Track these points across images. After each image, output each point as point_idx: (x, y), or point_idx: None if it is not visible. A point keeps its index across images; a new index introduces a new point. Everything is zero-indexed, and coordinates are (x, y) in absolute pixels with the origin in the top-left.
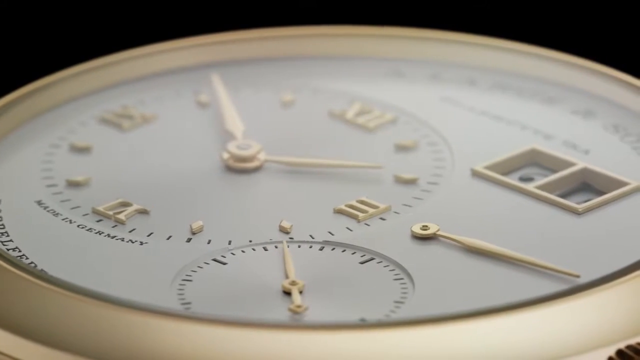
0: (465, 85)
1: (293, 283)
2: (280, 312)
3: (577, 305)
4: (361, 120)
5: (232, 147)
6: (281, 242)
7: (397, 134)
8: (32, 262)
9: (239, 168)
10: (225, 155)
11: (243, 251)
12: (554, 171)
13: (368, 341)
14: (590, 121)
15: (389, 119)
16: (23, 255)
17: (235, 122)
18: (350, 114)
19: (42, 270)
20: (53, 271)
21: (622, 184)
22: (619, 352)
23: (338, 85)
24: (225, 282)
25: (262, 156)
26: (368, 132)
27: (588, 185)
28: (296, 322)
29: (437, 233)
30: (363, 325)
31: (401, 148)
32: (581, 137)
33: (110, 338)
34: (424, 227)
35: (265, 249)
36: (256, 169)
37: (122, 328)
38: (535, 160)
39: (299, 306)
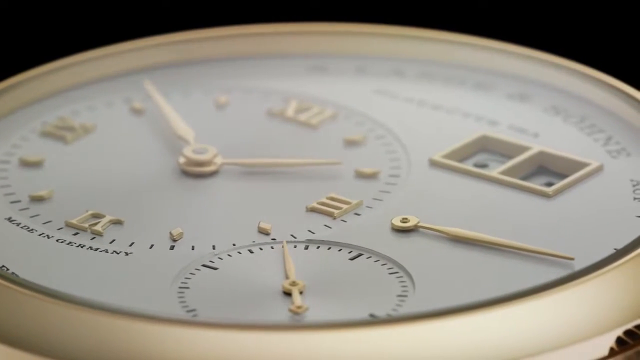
0: (394, 77)
1: (293, 284)
2: (281, 313)
3: (578, 291)
4: (303, 117)
5: (188, 151)
6: (281, 242)
7: (342, 130)
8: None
9: (196, 172)
10: (182, 160)
11: (240, 252)
12: (506, 156)
13: (380, 338)
14: (528, 104)
15: (330, 115)
16: (13, 273)
17: (184, 127)
18: (290, 112)
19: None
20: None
21: (581, 164)
22: (628, 332)
23: (268, 84)
24: (224, 286)
25: (218, 160)
26: (313, 129)
27: (544, 169)
28: (304, 323)
29: (419, 225)
30: (373, 321)
31: (351, 143)
32: (525, 121)
33: (119, 348)
34: (404, 220)
35: (261, 249)
36: (213, 173)
37: (132, 337)
38: (486, 147)
39: (299, 307)
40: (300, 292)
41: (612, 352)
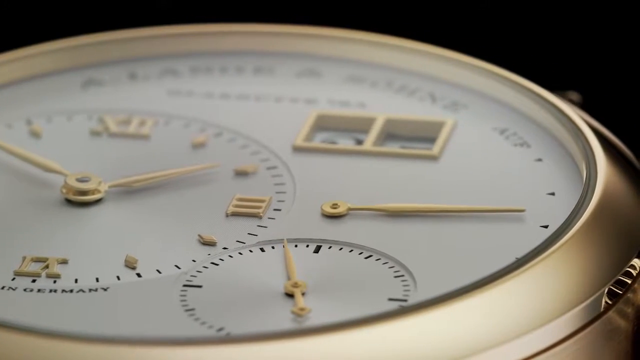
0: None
1: (295, 285)
2: (283, 315)
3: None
4: (131, 130)
5: (70, 181)
6: (281, 241)
7: (180, 135)
8: None
9: (81, 201)
10: (65, 190)
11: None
12: (348, 131)
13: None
14: (360, 85)
15: (153, 122)
16: None
17: (46, 161)
18: (113, 127)
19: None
20: None
21: (436, 123)
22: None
23: (58, 105)
24: (225, 288)
25: (102, 187)
26: (147, 140)
27: (393, 136)
28: (315, 326)
29: (352, 207)
30: (385, 315)
31: (199, 146)
32: (360, 96)
33: None
34: (334, 206)
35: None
36: (99, 200)
37: None
38: (324, 125)
39: (302, 309)
40: (303, 294)
41: (607, 306)
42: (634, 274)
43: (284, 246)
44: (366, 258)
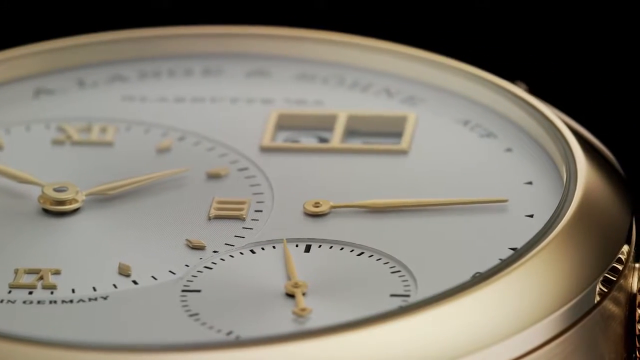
0: (150, 79)
1: (296, 285)
2: (284, 316)
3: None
4: (94, 137)
5: (48, 191)
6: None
7: (145, 140)
8: None
9: (60, 210)
10: (42, 200)
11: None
12: (312, 129)
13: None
14: (310, 83)
15: (114, 129)
16: None
17: (19, 172)
18: (75, 135)
19: None
20: None
21: (398, 118)
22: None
23: (16, 115)
24: (223, 293)
25: (80, 196)
26: (111, 146)
27: (356, 132)
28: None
29: (334, 205)
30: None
31: (164, 150)
32: (316, 94)
33: None
34: (317, 205)
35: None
36: (77, 210)
37: None
38: (284, 124)
39: (303, 309)
40: (303, 294)
41: (603, 294)
42: (624, 260)
43: (282, 246)
44: (358, 255)
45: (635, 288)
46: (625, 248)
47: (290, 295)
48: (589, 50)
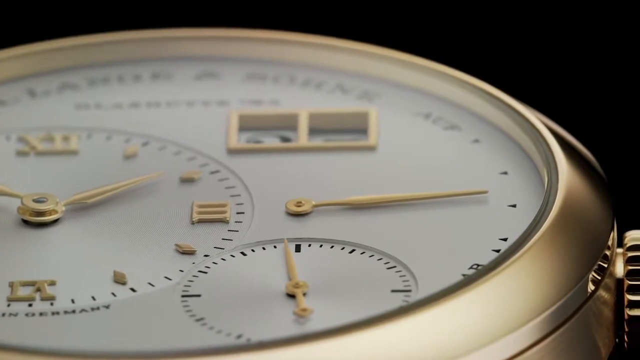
0: (100, 86)
1: (297, 285)
2: (285, 316)
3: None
4: (60, 147)
5: (27, 202)
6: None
7: (110, 147)
8: None
9: (41, 221)
10: (22, 211)
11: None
12: (274, 128)
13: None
14: (262, 84)
15: (76, 137)
16: None
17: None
18: (39, 146)
19: None
20: None
21: (359, 114)
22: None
23: None
24: (224, 296)
25: (60, 206)
26: (77, 155)
27: (316, 130)
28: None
29: (316, 203)
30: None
31: (130, 157)
32: (271, 94)
33: None
34: (299, 204)
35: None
36: (57, 220)
37: None
38: (246, 125)
39: (304, 309)
40: (304, 294)
41: (596, 282)
42: (611, 247)
43: (271, 247)
44: (350, 253)
45: (620, 273)
46: (612, 235)
47: (291, 296)
48: (568, 51)
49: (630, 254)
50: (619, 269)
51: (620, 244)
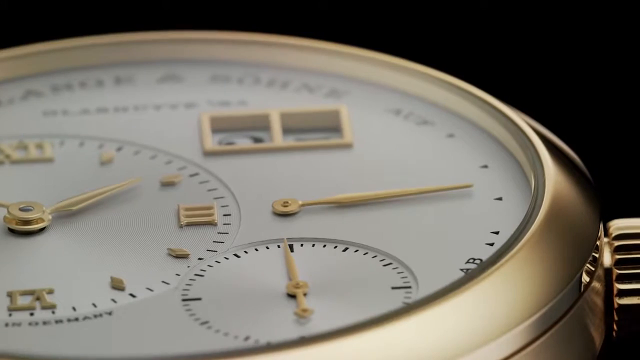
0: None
1: (297, 285)
2: (286, 316)
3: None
4: (34, 154)
5: (14, 210)
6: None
7: (84, 154)
8: None
9: (27, 230)
10: (8, 220)
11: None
12: (246, 129)
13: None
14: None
15: (50, 144)
16: None
17: None
18: (13, 154)
19: None
20: None
21: (330, 113)
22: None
23: None
24: (224, 298)
25: (46, 215)
26: (53, 163)
27: (287, 129)
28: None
29: (303, 203)
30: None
31: (106, 162)
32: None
33: None
34: (285, 204)
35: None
36: (44, 229)
37: None
38: (217, 127)
39: (305, 310)
40: (304, 294)
41: (589, 275)
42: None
43: (264, 248)
44: (344, 251)
45: (608, 263)
46: (601, 227)
47: (291, 296)
48: (553, 53)
49: (616, 243)
50: (607, 259)
51: (605, 233)
